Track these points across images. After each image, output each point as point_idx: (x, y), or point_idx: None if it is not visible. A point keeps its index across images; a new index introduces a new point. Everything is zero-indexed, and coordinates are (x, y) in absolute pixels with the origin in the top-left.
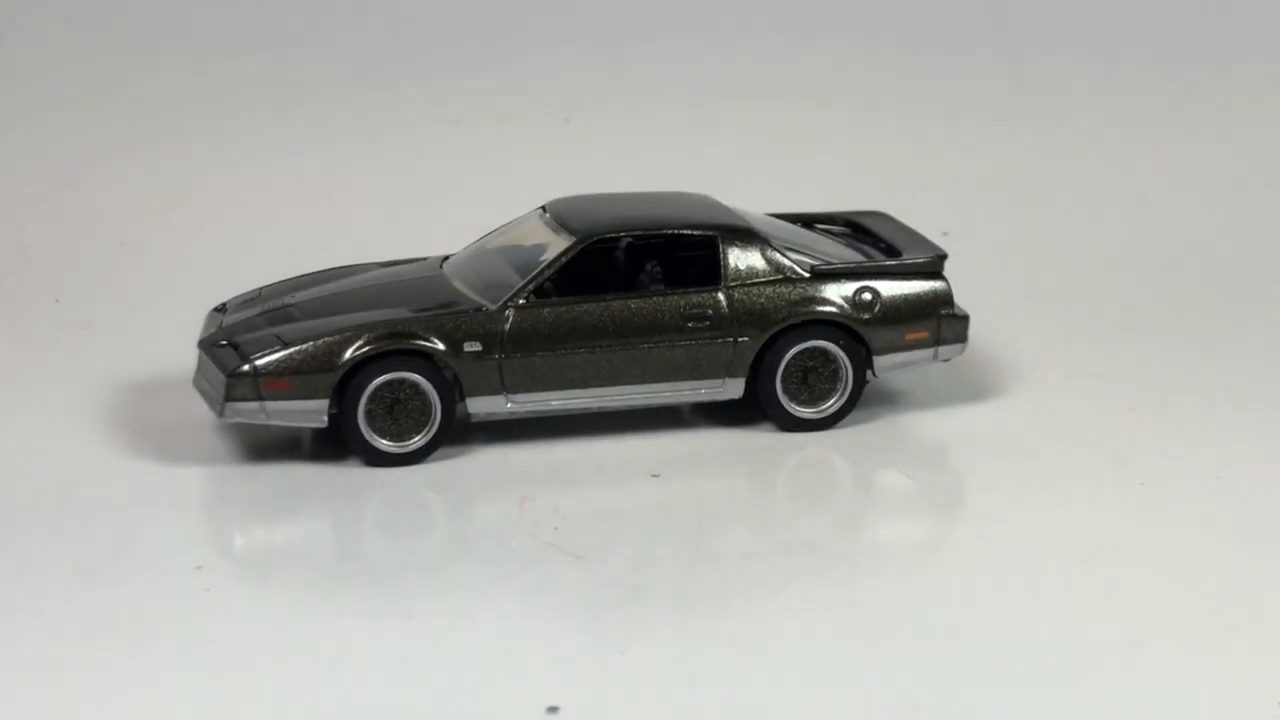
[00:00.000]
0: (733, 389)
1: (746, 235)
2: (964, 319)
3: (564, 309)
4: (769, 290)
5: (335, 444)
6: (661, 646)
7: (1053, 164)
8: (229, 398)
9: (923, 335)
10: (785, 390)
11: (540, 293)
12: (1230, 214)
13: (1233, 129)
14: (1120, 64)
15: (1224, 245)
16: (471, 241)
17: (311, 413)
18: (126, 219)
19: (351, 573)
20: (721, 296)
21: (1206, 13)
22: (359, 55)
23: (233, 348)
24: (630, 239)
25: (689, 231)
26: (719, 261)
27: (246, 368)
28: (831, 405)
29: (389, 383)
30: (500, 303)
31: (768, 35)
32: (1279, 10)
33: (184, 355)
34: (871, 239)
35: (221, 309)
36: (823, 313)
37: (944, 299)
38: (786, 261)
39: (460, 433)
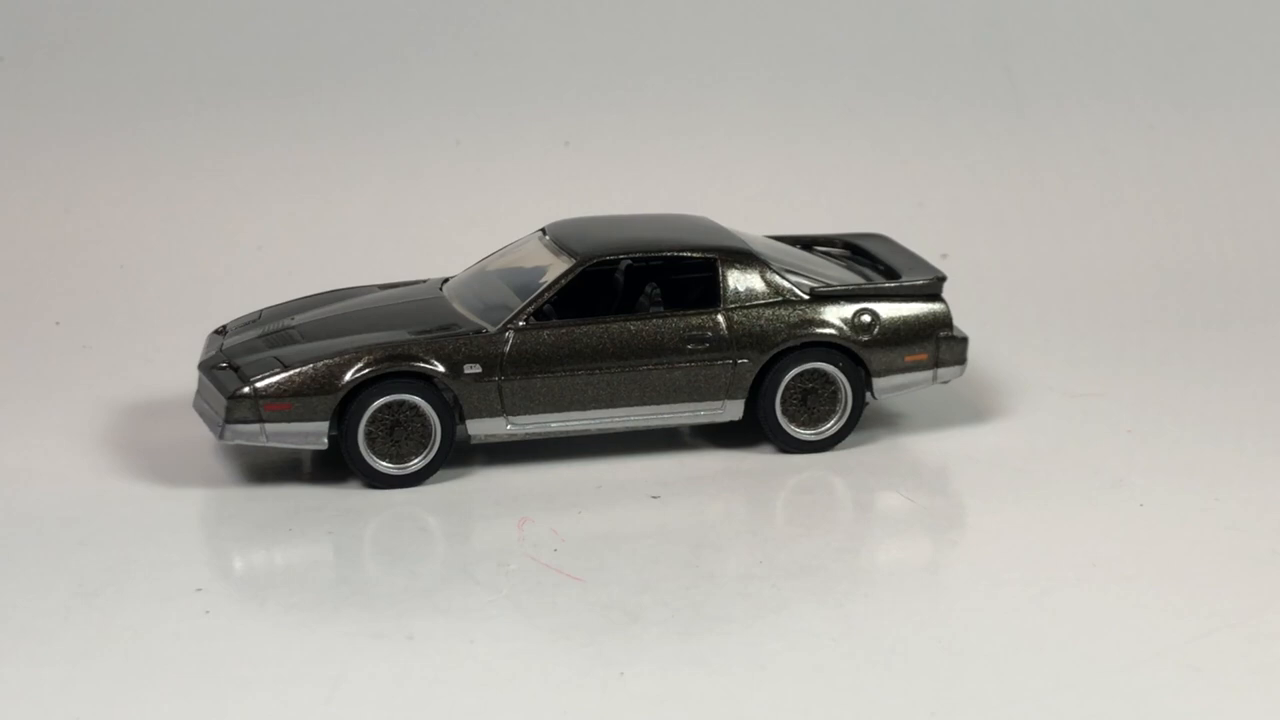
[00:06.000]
0: (732, 411)
1: (746, 257)
2: (963, 341)
3: (564, 331)
4: (768, 312)
5: (335, 466)
6: (660, 669)
7: (1052, 186)
8: (229, 420)
9: (922, 357)
10: (784, 412)
11: (540, 315)
12: (1229, 237)
13: (1233, 153)
14: (1120, 87)
15: (1223, 267)
16: (471, 263)
17: (311, 435)
18: (126, 242)
19: (351, 595)
20: (721, 318)
21: (1205, 37)
22: (359, 79)
23: (233, 370)
24: (630, 261)
25: (688, 254)
26: (718, 284)
27: (247, 390)
28: (831, 427)
29: (389, 405)
30: (500, 325)
31: (767, 58)
32: (1275, 37)
33: (184, 377)
34: (870, 261)
35: (222, 331)
36: (822, 335)
37: (943, 321)
38: (786, 284)
39: (460, 455)
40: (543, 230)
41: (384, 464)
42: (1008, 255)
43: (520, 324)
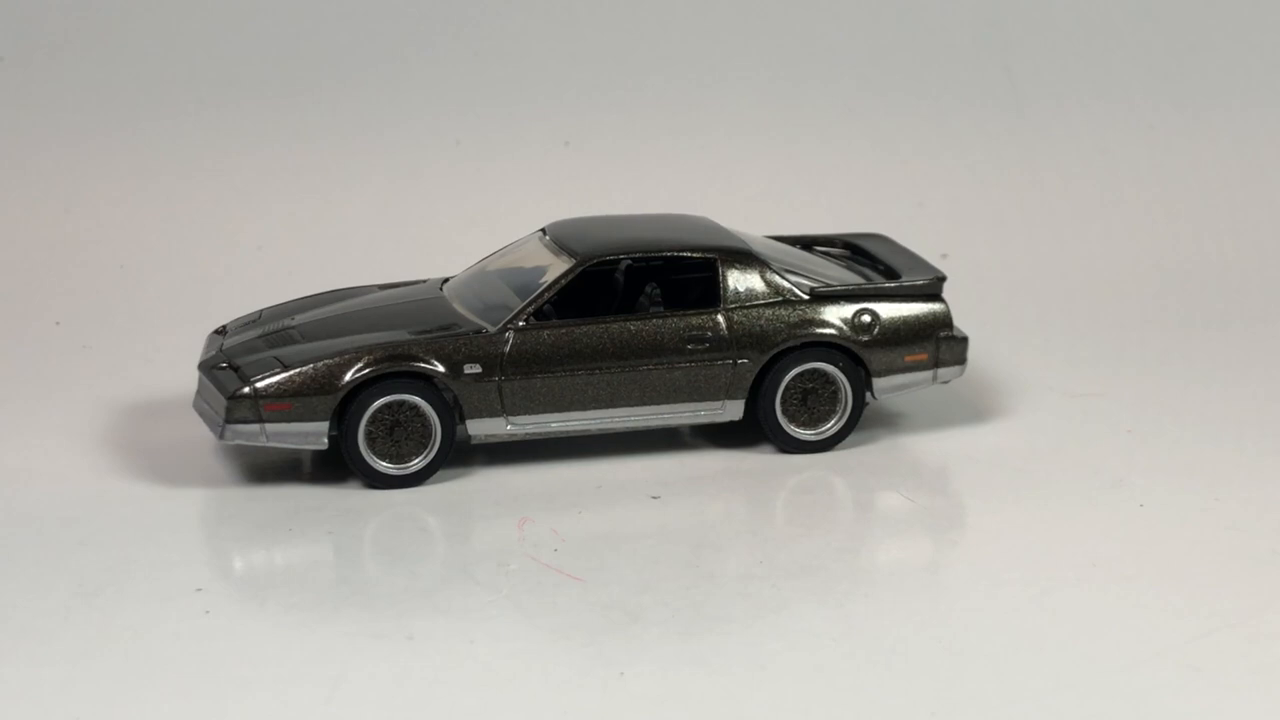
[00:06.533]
0: (732, 411)
1: (746, 257)
2: (963, 341)
3: (564, 331)
4: (768, 312)
5: (335, 466)
6: (660, 669)
7: (1052, 186)
8: (229, 420)
9: (922, 357)
10: (785, 412)
11: (540, 315)
12: (1229, 237)
13: (1233, 153)
14: (1120, 87)
15: (1222, 267)
16: (472, 263)
17: (312, 435)
18: (126, 242)
19: (351, 595)
20: (721, 318)
21: (1205, 37)
22: (359, 79)
23: (233, 370)
24: (630, 261)
25: (688, 254)
26: (718, 284)
27: (247, 390)
28: (831, 427)
29: (389, 405)
30: (500, 325)
31: (767, 58)
32: (1276, 37)
33: (184, 377)
34: (870, 261)
35: (222, 331)
36: (822, 335)
37: (943, 321)
38: (786, 284)
39: (460, 455)
40: (543, 230)
41: (384, 464)
42: (1008, 255)
43: (520, 324)
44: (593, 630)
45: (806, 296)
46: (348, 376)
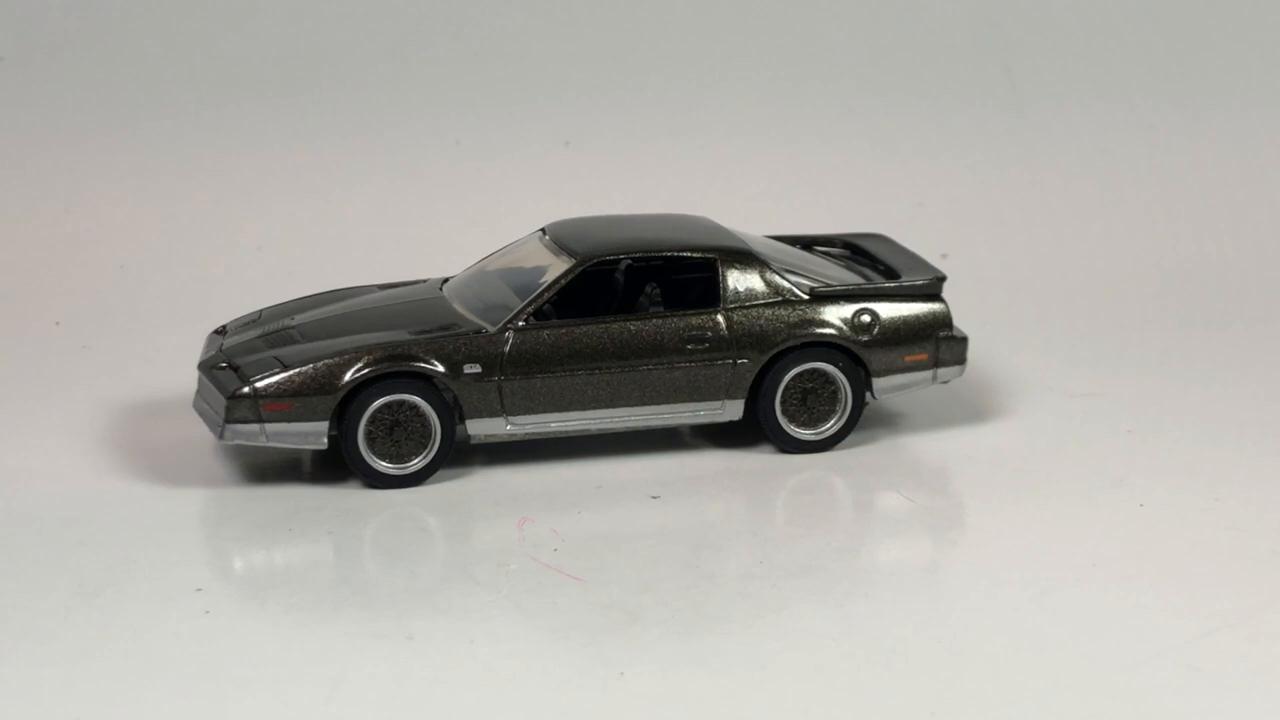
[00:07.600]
0: (732, 411)
1: (746, 257)
2: (963, 341)
3: (563, 331)
4: (768, 312)
5: (335, 466)
6: (660, 669)
7: (1052, 186)
8: (229, 419)
9: (921, 357)
10: (784, 412)
11: (540, 315)
12: (1229, 237)
13: (1233, 153)
14: (1120, 87)
15: (1222, 267)
16: (471, 263)
17: (311, 435)
18: (126, 242)
19: (351, 595)
20: (721, 318)
21: (1205, 37)
22: (359, 79)
23: (233, 370)
24: (630, 261)
25: (688, 254)
26: (718, 283)
27: (247, 390)
28: (831, 427)
29: (389, 405)
30: (500, 325)
31: (767, 58)
32: (1276, 37)
33: (184, 377)
34: (870, 261)
35: (222, 331)
36: (822, 335)
37: (943, 321)
38: (785, 283)
39: (460, 455)
40: (543, 230)
41: (384, 464)
42: (1008, 255)
43: (520, 324)
44: (593, 630)
45: (806, 296)
46: (347, 376)
